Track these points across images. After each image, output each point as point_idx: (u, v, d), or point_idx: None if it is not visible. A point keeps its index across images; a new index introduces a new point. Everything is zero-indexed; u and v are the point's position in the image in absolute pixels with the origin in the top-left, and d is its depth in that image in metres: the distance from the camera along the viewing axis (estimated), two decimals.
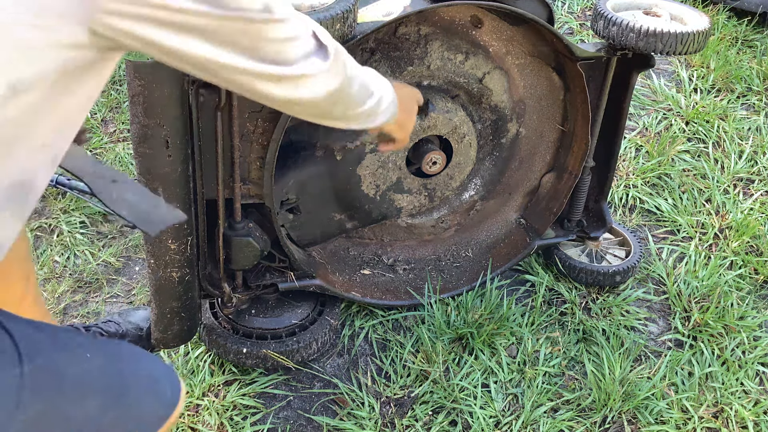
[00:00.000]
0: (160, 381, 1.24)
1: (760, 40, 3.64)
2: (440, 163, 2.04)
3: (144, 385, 1.22)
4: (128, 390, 1.19)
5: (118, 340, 1.42)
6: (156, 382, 1.24)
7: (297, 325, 2.05)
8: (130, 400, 1.18)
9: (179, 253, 1.73)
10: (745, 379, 2.16)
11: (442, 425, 1.94)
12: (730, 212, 2.71)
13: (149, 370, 1.25)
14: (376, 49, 1.92)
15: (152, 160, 1.59)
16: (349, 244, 2.24)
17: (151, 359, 1.28)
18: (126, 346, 1.29)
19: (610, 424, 2.01)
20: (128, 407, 1.18)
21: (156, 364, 1.27)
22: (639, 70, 2.12)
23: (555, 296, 2.34)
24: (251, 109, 1.75)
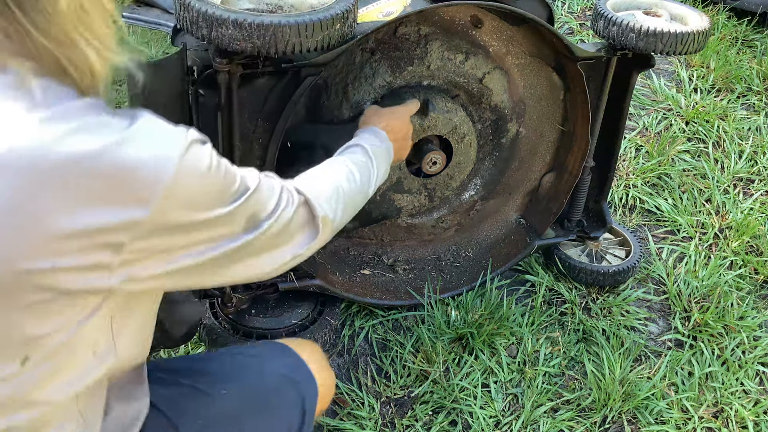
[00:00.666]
0: (292, 377, 1.37)
1: (760, 40, 3.64)
2: (440, 163, 2.04)
3: (280, 386, 1.35)
4: (269, 401, 1.32)
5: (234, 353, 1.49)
6: (289, 381, 1.36)
7: (297, 325, 2.05)
8: (275, 407, 1.32)
9: None
10: (745, 379, 2.16)
11: (442, 425, 1.94)
12: (730, 212, 2.71)
13: (276, 372, 1.37)
14: (376, 49, 1.92)
15: None
16: (349, 244, 2.24)
17: (270, 359, 1.41)
18: (246, 360, 1.41)
19: (610, 424, 2.01)
20: (277, 411, 1.32)
21: (275, 361, 1.40)
22: (639, 70, 2.12)
23: (555, 296, 2.34)
24: (251, 109, 1.76)
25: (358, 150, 1.49)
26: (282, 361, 1.40)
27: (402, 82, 1.96)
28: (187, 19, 1.53)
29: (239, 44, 1.50)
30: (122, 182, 0.85)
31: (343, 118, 1.93)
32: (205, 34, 1.51)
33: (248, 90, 1.72)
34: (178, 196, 0.89)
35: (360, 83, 1.92)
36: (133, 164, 0.85)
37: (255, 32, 1.49)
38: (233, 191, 0.99)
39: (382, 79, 1.93)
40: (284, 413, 1.33)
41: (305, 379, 1.38)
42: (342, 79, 1.91)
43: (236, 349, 1.53)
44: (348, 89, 1.91)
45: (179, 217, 0.91)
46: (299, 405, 1.35)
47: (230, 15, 1.49)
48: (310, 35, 1.54)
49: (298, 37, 1.53)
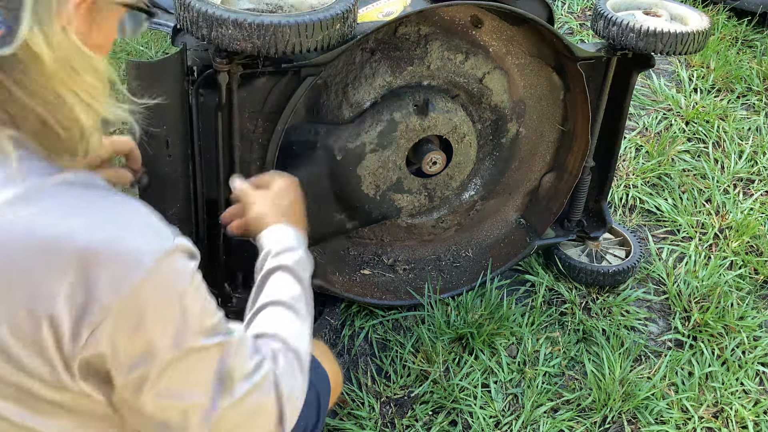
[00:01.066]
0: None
1: (760, 40, 3.64)
2: (440, 163, 2.04)
3: None
4: None
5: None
6: None
7: None
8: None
9: None
10: (745, 379, 2.16)
11: (442, 425, 1.94)
12: (730, 212, 2.71)
13: None
14: (376, 49, 1.92)
15: (152, 160, 1.59)
16: (349, 244, 2.24)
17: None
18: None
19: (610, 424, 2.01)
20: None
21: None
22: (639, 70, 2.12)
23: (555, 296, 2.34)
24: (251, 109, 1.76)
25: (286, 280, 1.21)
26: None
27: (402, 82, 1.96)
28: (187, 19, 1.53)
29: (239, 44, 1.50)
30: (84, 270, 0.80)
31: (344, 118, 1.93)
32: (205, 34, 1.51)
33: (248, 90, 1.72)
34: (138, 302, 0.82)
35: (360, 83, 1.92)
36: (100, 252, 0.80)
37: (255, 32, 1.49)
38: (209, 325, 0.91)
39: (382, 79, 1.93)
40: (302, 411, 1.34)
41: (319, 377, 1.40)
42: (342, 79, 1.91)
43: None
44: (348, 89, 1.91)
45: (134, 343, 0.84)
46: (315, 403, 1.37)
47: (230, 15, 1.49)
48: (310, 35, 1.54)
49: (298, 37, 1.53)
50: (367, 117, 1.94)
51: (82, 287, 0.80)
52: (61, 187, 0.83)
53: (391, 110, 1.94)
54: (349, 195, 2.02)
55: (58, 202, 0.82)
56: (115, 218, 0.83)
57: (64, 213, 0.81)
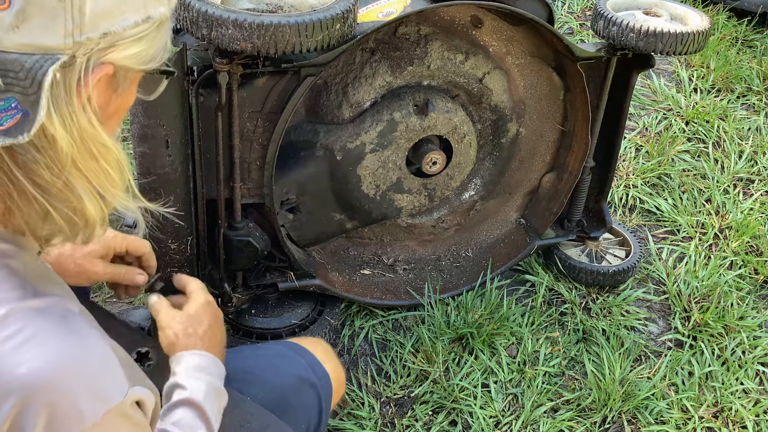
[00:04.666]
0: (309, 378, 1.38)
1: (760, 40, 3.64)
2: (440, 163, 2.04)
3: (300, 387, 1.36)
4: (289, 402, 1.33)
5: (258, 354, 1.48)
6: (308, 381, 1.38)
7: (297, 325, 2.05)
8: (295, 408, 1.33)
9: (179, 253, 1.73)
10: (745, 378, 2.16)
11: (442, 425, 1.94)
12: (730, 212, 2.71)
13: (296, 374, 1.38)
14: (376, 49, 1.92)
15: (152, 160, 1.59)
16: (349, 244, 2.24)
17: (289, 359, 1.41)
18: (268, 360, 1.42)
19: (610, 424, 2.01)
20: (297, 411, 1.32)
21: (294, 362, 1.41)
22: (639, 70, 2.12)
23: (555, 296, 2.34)
24: (251, 109, 1.76)
25: (187, 417, 1.12)
26: (299, 361, 1.42)
27: (402, 82, 1.96)
28: (187, 19, 1.53)
29: (239, 44, 1.50)
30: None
31: (344, 118, 1.93)
32: (205, 34, 1.51)
33: (248, 90, 1.72)
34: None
35: (360, 83, 1.92)
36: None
37: (255, 32, 1.49)
38: None
39: (382, 79, 1.93)
40: (303, 413, 1.35)
41: (321, 378, 1.41)
42: (342, 79, 1.91)
43: (258, 349, 1.55)
44: (348, 89, 1.91)
45: None
46: (317, 405, 1.38)
47: (230, 15, 1.49)
48: (310, 35, 1.54)
49: (298, 37, 1.53)
50: (367, 117, 1.94)
51: (17, 422, 0.76)
52: (31, 314, 0.78)
53: (391, 110, 1.94)
54: (349, 195, 2.02)
55: (21, 329, 0.77)
56: (73, 359, 0.78)
57: (24, 340, 0.77)
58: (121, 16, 0.78)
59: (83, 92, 0.77)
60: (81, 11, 0.74)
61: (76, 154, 0.77)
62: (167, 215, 0.98)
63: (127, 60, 0.81)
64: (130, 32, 0.79)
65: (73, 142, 0.76)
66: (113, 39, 0.78)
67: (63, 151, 0.76)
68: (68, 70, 0.75)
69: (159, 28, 0.84)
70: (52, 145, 0.75)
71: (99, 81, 0.79)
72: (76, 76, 0.76)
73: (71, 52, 0.74)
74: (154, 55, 0.84)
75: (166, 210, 0.95)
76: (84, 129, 0.77)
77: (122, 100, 0.86)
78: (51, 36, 0.73)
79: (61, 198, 0.79)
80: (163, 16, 0.84)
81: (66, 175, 0.78)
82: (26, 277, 0.82)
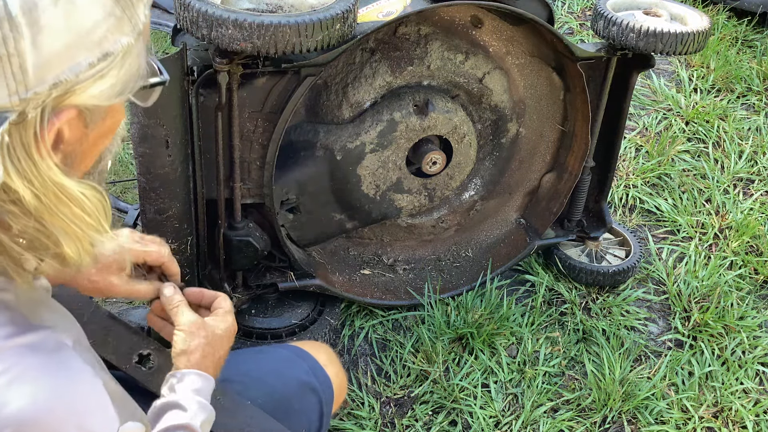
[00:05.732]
0: (311, 382, 1.37)
1: (760, 40, 3.64)
2: (440, 163, 2.04)
3: (301, 391, 1.35)
4: (291, 406, 1.31)
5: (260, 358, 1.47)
6: (309, 386, 1.37)
7: (297, 325, 2.05)
8: (297, 412, 1.31)
9: (179, 253, 1.73)
10: (745, 378, 2.16)
11: (442, 425, 1.94)
12: (730, 212, 2.71)
13: (297, 378, 1.38)
14: (376, 49, 1.92)
15: (152, 160, 1.59)
16: (349, 244, 2.24)
17: (291, 363, 1.41)
18: (271, 365, 1.41)
19: (610, 424, 2.01)
20: (298, 415, 1.31)
21: (296, 366, 1.40)
22: (639, 70, 2.12)
23: (555, 296, 2.34)
24: (251, 109, 1.76)
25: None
26: (302, 365, 1.42)
27: (402, 82, 1.96)
28: (187, 19, 1.53)
29: (239, 44, 1.50)
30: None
31: (344, 118, 1.93)
32: (205, 34, 1.51)
33: (248, 90, 1.72)
34: None
35: (360, 83, 1.92)
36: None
37: (255, 32, 1.49)
38: None
39: (382, 79, 1.93)
40: (305, 418, 1.35)
41: (323, 383, 1.40)
42: (342, 79, 1.91)
43: (260, 353, 1.55)
44: (348, 89, 1.91)
45: None
46: (317, 409, 1.37)
47: (230, 15, 1.49)
48: (310, 35, 1.54)
49: (298, 37, 1.53)
50: (367, 117, 1.94)
51: None
52: (21, 351, 0.77)
53: (391, 110, 1.94)
54: (349, 195, 2.02)
55: (10, 367, 0.76)
56: (63, 397, 0.77)
57: (14, 378, 0.75)
58: (70, 62, 0.71)
59: (41, 145, 0.72)
60: (22, 68, 0.68)
61: (43, 203, 0.74)
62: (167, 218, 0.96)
63: (91, 100, 0.74)
64: (87, 74, 0.72)
65: (37, 193, 0.73)
66: (67, 86, 0.72)
67: (29, 203, 0.73)
68: (21, 126, 0.70)
69: (125, 58, 0.76)
70: (17, 198, 0.72)
71: (67, 122, 0.74)
72: (31, 130, 0.71)
73: (20, 109, 0.69)
74: (123, 87, 0.77)
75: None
76: (48, 179, 0.73)
77: (103, 128, 0.81)
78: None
79: (38, 244, 0.77)
80: (127, 46, 0.75)
81: (37, 222, 0.75)
82: (18, 308, 0.80)
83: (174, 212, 1.71)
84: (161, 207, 1.67)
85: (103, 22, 0.73)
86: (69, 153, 0.77)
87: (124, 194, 2.63)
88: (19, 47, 0.67)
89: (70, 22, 0.70)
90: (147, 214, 1.67)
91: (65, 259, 0.79)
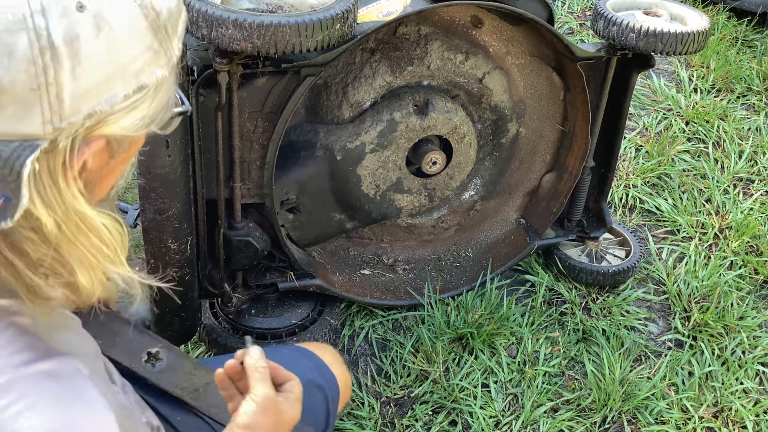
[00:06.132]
0: (318, 382, 1.36)
1: (760, 40, 3.64)
2: (440, 163, 2.04)
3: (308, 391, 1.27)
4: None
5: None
6: (316, 385, 1.35)
7: (297, 324, 2.05)
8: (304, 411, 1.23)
9: (179, 253, 1.73)
10: (745, 378, 2.16)
11: (442, 425, 1.94)
12: (730, 212, 2.71)
13: (304, 377, 1.32)
14: (376, 49, 1.92)
15: (152, 160, 1.59)
16: (349, 244, 2.24)
17: (298, 363, 1.37)
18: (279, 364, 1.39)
19: (610, 424, 2.01)
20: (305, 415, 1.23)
21: (302, 365, 1.38)
22: (639, 70, 2.12)
23: (555, 296, 2.34)
24: (251, 109, 1.76)
25: None
26: (307, 363, 1.42)
27: (402, 82, 1.96)
28: (187, 19, 1.53)
29: (239, 44, 1.50)
30: None
31: (344, 118, 1.93)
32: (205, 34, 1.51)
33: (248, 90, 1.72)
34: None
35: (360, 83, 1.92)
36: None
37: (255, 32, 1.49)
38: None
39: (382, 79, 1.93)
40: (311, 417, 1.34)
41: (329, 382, 1.40)
42: (342, 79, 1.91)
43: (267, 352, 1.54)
44: (348, 89, 1.91)
45: None
46: (324, 407, 1.37)
47: (230, 15, 1.49)
48: (310, 35, 1.54)
49: (298, 37, 1.53)
50: (367, 117, 1.94)
51: None
52: (38, 378, 0.76)
53: (391, 110, 1.94)
54: (349, 195, 2.02)
55: (25, 395, 0.75)
56: (74, 428, 0.76)
57: (27, 407, 0.75)
58: (108, 93, 0.72)
59: (69, 173, 0.73)
60: (59, 98, 0.68)
61: (63, 231, 0.74)
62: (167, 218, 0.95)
63: (121, 131, 0.75)
64: (121, 106, 0.73)
65: (58, 221, 0.73)
66: (100, 117, 0.72)
67: (49, 231, 0.73)
68: (50, 155, 0.70)
69: (157, 90, 0.76)
70: (38, 224, 0.72)
71: (94, 152, 0.75)
72: (60, 159, 0.71)
73: (52, 137, 0.69)
74: (153, 117, 0.78)
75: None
76: (70, 207, 0.74)
77: (129, 152, 0.82)
78: (28, 124, 0.68)
79: (52, 272, 0.77)
80: (161, 79, 0.76)
81: (55, 251, 0.75)
82: (36, 333, 0.79)
83: (174, 212, 1.71)
84: (161, 207, 1.67)
85: (141, 55, 0.74)
86: (89, 181, 0.77)
87: (124, 194, 2.63)
88: (58, 77, 0.68)
89: (111, 54, 0.71)
90: (147, 214, 1.67)
91: (78, 289, 0.78)
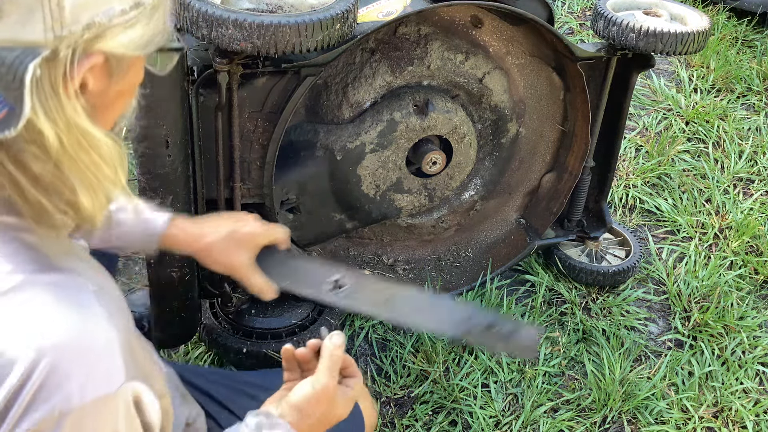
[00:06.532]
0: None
1: (760, 40, 3.64)
2: (440, 163, 2.04)
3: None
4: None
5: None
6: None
7: (297, 324, 2.05)
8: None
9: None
10: (745, 378, 2.16)
11: (442, 425, 1.94)
12: (730, 212, 2.71)
13: None
14: (376, 49, 1.92)
15: (152, 160, 1.59)
16: (349, 244, 2.24)
17: None
18: None
19: (610, 424, 2.01)
20: None
21: None
22: (639, 70, 2.12)
23: (555, 296, 2.34)
24: (251, 109, 1.76)
25: None
26: None
27: (402, 82, 1.96)
28: (187, 19, 1.53)
29: (239, 44, 1.50)
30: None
31: (344, 118, 1.93)
32: (205, 34, 1.51)
33: (248, 90, 1.72)
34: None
35: (360, 83, 1.92)
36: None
37: (255, 32, 1.49)
38: None
39: (382, 79, 1.93)
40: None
41: (354, 419, 1.33)
42: (342, 79, 1.91)
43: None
44: (348, 89, 1.91)
45: None
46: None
47: (230, 15, 1.49)
48: (310, 35, 1.54)
49: (298, 37, 1.53)
50: (367, 117, 1.94)
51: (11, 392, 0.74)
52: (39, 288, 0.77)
53: (391, 110, 1.94)
54: (349, 195, 2.02)
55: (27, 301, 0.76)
56: (71, 339, 0.76)
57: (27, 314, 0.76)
58: (105, 5, 0.75)
59: (70, 85, 0.75)
60: (59, 5, 0.71)
61: (65, 146, 0.75)
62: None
63: (119, 48, 0.77)
64: (119, 20, 0.76)
65: (60, 134, 0.74)
66: (99, 29, 0.75)
67: (51, 144, 0.74)
68: (52, 64, 0.73)
69: (153, 11, 0.80)
70: (40, 137, 0.74)
71: (92, 69, 0.77)
72: (61, 69, 0.73)
73: (53, 45, 0.72)
74: (150, 39, 0.81)
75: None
76: (72, 121, 0.75)
77: (124, 83, 0.83)
78: (30, 31, 0.71)
79: (53, 190, 0.78)
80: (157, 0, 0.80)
81: (56, 166, 0.76)
82: (41, 250, 0.80)
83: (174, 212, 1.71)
84: (161, 207, 1.67)
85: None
86: (91, 106, 0.79)
87: None
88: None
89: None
90: None
91: (80, 210, 0.79)
